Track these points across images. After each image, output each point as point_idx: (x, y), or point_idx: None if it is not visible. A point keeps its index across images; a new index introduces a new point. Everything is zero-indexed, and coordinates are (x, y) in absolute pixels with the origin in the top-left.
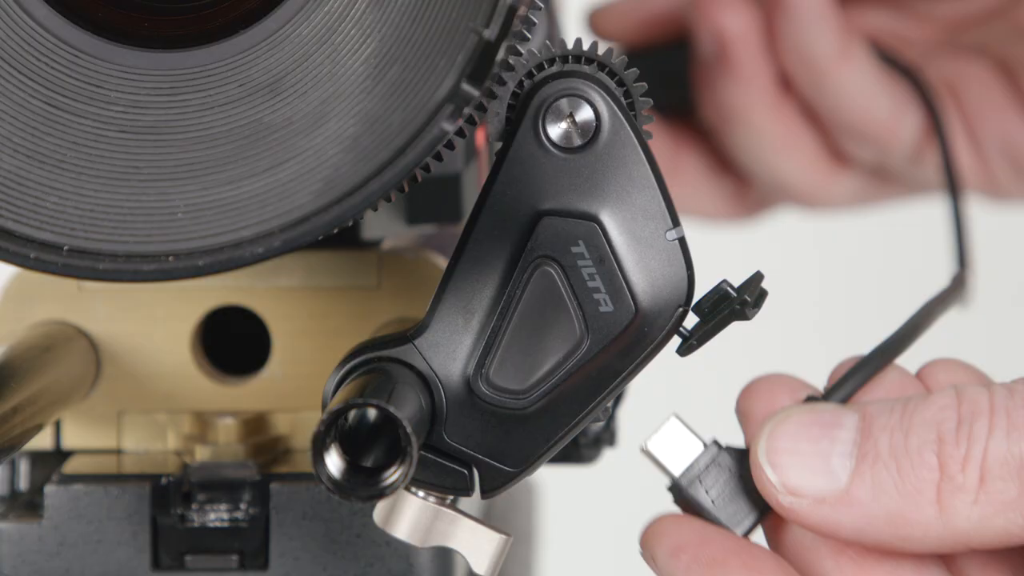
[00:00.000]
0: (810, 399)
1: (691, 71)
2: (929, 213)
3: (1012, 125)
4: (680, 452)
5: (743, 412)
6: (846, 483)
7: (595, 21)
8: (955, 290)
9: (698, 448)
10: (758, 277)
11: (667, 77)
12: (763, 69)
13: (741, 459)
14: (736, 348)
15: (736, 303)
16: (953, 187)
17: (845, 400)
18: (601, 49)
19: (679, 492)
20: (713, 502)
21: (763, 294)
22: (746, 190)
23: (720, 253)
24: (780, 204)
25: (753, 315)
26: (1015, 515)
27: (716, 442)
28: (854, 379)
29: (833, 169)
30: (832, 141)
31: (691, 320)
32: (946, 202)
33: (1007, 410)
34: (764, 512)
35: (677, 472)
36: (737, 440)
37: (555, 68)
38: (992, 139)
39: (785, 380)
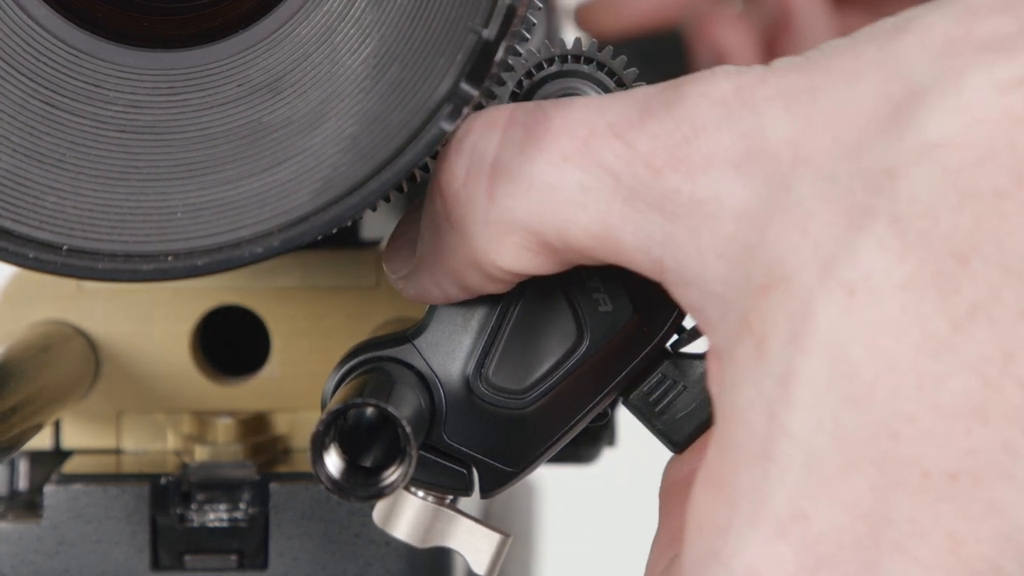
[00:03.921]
0: None
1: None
2: None
3: None
4: None
5: None
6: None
7: (582, 17)
8: None
9: None
10: None
11: (652, 71)
12: None
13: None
14: None
15: None
16: None
17: None
18: (600, 48)
19: None
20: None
21: None
22: None
23: None
24: None
25: None
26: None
27: None
28: None
29: None
30: None
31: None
32: None
33: (526, 125)
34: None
35: None
36: None
37: (554, 68)
38: None
39: None
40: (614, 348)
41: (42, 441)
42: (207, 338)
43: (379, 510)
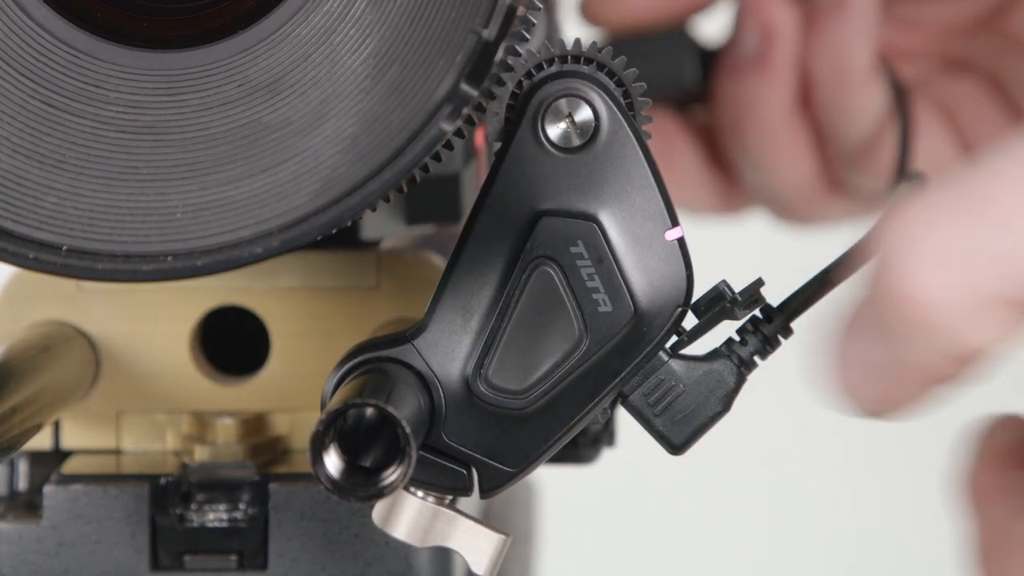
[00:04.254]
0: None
1: (718, 61)
2: None
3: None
4: None
5: None
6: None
7: (585, 8)
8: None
9: None
10: (758, 283)
11: (661, 65)
12: (793, 73)
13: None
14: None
15: (727, 302)
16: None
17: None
18: (600, 49)
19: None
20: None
21: (759, 299)
22: (735, 186)
23: (723, 252)
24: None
25: (742, 316)
26: None
27: None
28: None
29: (826, 195)
30: (832, 168)
31: (690, 319)
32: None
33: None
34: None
35: None
36: None
37: (554, 68)
38: None
39: None
40: (614, 349)
41: (42, 441)
42: (207, 338)
43: (379, 510)
